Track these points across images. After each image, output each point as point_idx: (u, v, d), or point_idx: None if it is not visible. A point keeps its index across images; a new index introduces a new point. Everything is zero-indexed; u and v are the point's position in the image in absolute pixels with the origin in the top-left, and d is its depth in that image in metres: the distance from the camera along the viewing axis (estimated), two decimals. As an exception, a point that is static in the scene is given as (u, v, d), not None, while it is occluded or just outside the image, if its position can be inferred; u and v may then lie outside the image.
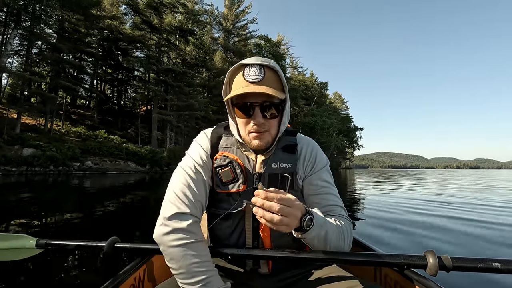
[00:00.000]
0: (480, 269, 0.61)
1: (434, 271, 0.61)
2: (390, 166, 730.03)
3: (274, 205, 0.56)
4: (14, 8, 17.41)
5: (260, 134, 0.73)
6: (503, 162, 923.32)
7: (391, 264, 0.67)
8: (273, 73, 0.72)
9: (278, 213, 0.56)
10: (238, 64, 0.73)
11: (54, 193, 7.33)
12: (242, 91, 0.69)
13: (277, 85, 0.73)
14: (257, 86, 0.69)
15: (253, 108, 0.71)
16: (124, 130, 28.32)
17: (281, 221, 0.56)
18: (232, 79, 0.75)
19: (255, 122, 0.72)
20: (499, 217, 4.29)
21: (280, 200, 0.57)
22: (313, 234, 0.64)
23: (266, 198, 0.57)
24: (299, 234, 0.64)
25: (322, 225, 0.67)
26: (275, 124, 0.76)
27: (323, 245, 0.68)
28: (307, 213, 0.62)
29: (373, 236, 3.14)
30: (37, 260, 2.00)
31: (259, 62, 0.70)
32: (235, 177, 0.75)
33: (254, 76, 0.69)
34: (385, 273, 0.91)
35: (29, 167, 15.02)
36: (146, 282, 0.90)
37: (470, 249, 2.68)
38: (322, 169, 0.83)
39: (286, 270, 0.79)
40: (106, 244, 0.81)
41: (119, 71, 31.04)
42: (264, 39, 42.94)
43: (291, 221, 0.58)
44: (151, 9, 27.13)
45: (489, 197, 7.18)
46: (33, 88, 21.91)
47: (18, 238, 0.89)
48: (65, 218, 3.76)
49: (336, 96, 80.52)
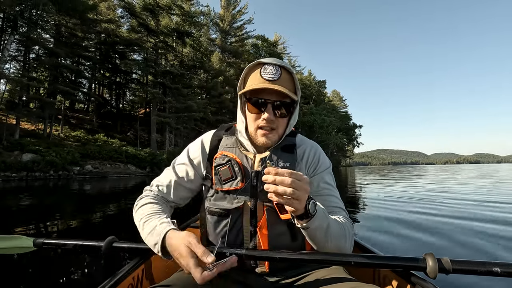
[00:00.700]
0: (479, 272, 0.60)
1: (433, 274, 0.61)
2: (390, 163, 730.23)
3: (286, 179, 0.56)
4: (11, 14, 17.39)
5: (268, 132, 0.76)
6: (503, 156, 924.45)
7: (390, 266, 0.67)
8: (288, 74, 0.76)
9: (290, 187, 0.56)
10: (256, 62, 0.76)
11: (55, 198, 7.34)
12: (258, 86, 0.72)
13: (291, 86, 0.76)
14: (273, 84, 0.72)
15: (265, 105, 0.74)
16: (123, 133, 28.30)
17: (293, 193, 0.56)
18: (248, 75, 0.78)
19: (265, 118, 0.74)
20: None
21: (291, 174, 0.57)
22: (316, 224, 0.64)
23: (277, 174, 0.57)
24: (303, 223, 0.63)
25: (325, 216, 0.67)
26: (284, 123, 0.79)
27: (324, 239, 0.67)
28: (310, 197, 0.63)
29: (372, 238, 3.14)
30: (35, 260, 2.01)
31: (276, 62, 0.74)
32: (233, 175, 0.77)
33: (271, 75, 0.72)
34: (384, 275, 0.90)
35: (29, 172, 15.00)
36: (145, 282, 0.90)
37: (470, 252, 2.66)
38: (324, 171, 0.84)
39: (284, 270, 0.79)
40: (104, 244, 0.81)
41: (117, 74, 31.01)
42: (261, 39, 42.97)
43: (303, 195, 0.58)
44: (147, 11, 27.11)
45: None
46: (31, 94, 21.86)
47: (15, 239, 0.90)
48: (64, 222, 3.78)
49: (334, 94, 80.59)
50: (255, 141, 0.79)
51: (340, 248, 0.71)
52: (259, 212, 0.76)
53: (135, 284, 0.84)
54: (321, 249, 0.71)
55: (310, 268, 0.80)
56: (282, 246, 0.75)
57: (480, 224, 3.62)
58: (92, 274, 1.89)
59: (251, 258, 0.70)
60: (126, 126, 30.44)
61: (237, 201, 0.77)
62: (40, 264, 2.00)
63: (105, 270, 1.96)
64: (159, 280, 0.78)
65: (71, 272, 1.91)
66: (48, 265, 2.01)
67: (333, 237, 0.68)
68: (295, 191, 0.56)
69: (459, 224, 3.66)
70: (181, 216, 1.54)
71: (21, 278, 1.79)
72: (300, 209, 0.60)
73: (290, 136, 0.85)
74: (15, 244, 0.89)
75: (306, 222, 0.63)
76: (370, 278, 0.96)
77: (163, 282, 0.70)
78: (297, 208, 0.59)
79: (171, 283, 0.69)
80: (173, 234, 0.64)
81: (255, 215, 0.76)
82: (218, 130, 0.89)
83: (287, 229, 0.77)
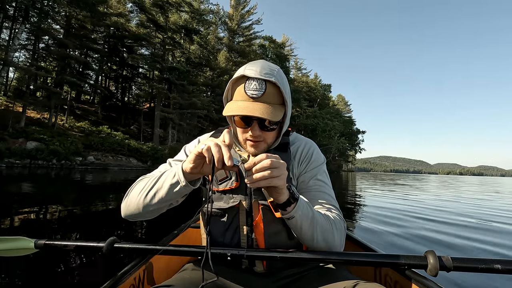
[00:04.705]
0: (480, 269, 0.61)
1: (434, 272, 0.61)
2: (392, 170, 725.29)
3: (264, 162, 0.59)
4: (23, 3, 17.66)
5: (256, 143, 0.77)
6: (507, 170, 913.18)
7: (391, 264, 0.67)
8: (275, 87, 0.72)
9: (270, 166, 0.58)
10: (240, 75, 0.72)
11: (56, 187, 7.45)
12: (239, 111, 0.70)
13: (278, 100, 0.73)
14: (256, 103, 0.70)
15: (251, 121, 0.73)
16: (127, 127, 28.53)
17: (272, 172, 0.58)
18: (234, 87, 0.76)
19: (252, 134, 0.74)
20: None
21: (268, 156, 0.60)
22: (300, 213, 0.65)
23: (255, 163, 0.59)
24: (290, 209, 0.65)
25: (309, 207, 0.68)
26: (273, 135, 0.79)
27: (310, 232, 0.68)
28: (288, 184, 0.64)
29: (372, 237, 3.18)
30: (36, 261, 2.00)
31: (261, 76, 0.69)
32: (228, 175, 0.78)
33: (254, 91, 0.70)
34: (385, 273, 0.89)
35: (33, 160, 15.24)
36: (146, 283, 0.89)
37: (470, 250, 2.69)
38: (317, 168, 0.84)
39: (283, 269, 0.79)
40: (105, 245, 0.80)
41: (123, 68, 31.28)
42: (269, 40, 43.01)
43: (282, 171, 0.60)
44: (157, 7, 27.34)
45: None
46: (38, 83, 22.21)
47: (16, 240, 0.88)
48: (65, 214, 3.81)
49: (339, 98, 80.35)
50: (245, 150, 0.80)
51: (329, 243, 0.70)
52: (255, 211, 0.77)
53: (136, 285, 0.83)
54: (309, 244, 0.71)
55: (309, 266, 0.80)
56: (278, 244, 0.75)
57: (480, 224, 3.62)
58: (93, 274, 1.88)
59: (251, 258, 0.69)
60: (130, 120, 30.69)
61: (233, 200, 0.78)
62: (40, 265, 1.99)
63: (106, 271, 1.95)
64: (160, 281, 0.78)
65: (71, 272, 1.90)
66: (48, 265, 2.00)
67: (319, 231, 0.68)
68: (273, 170, 0.58)
69: (459, 224, 3.69)
70: (181, 216, 1.61)
71: (21, 278, 1.77)
72: (282, 186, 0.62)
73: (284, 135, 0.85)
74: (16, 246, 0.87)
75: (293, 208, 0.64)
76: (371, 276, 0.95)
77: (164, 283, 0.69)
78: (279, 185, 0.61)
79: (172, 283, 0.69)
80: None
81: (250, 214, 0.77)
82: (215, 132, 0.90)
83: (283, 227, 0.77)
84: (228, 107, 0.74)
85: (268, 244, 0.75)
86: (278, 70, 0.73)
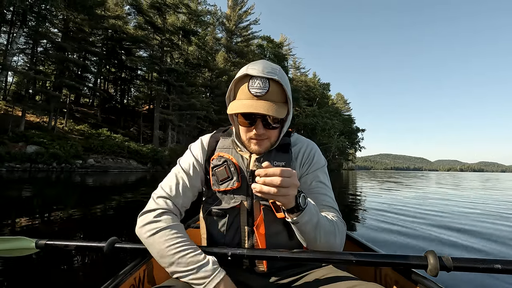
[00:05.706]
0: (480, 269, 0.61)
1: (434, 272, 0.61)
2: (392, 168, 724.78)
3: (274, 180, 0.57)
4: (20, 7, 17.67)
5: (260, 141, 0.77)
6: (507, 165, 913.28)
7: (391, 264, 0.67)
8: (278, 85, 0.73)
9: (278, 186, 0.57)
10: (243, 74, 0.73)
11: (57, 190, 7.47)
12: (244, 109, 0.70)
13: (281, 98, 0.74)
14: (260, 101, 0.71)
15: (255, 120, 0.74)
16: (127, 129, 28.57)
17: (279, 191, 0.57)
18: (237, 87, 0.76)
19: (256, 132, 0.75)
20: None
21: (282, 172, 0.58)
22: (306, 218, 0.64)
23: (267, 174, 0.58)
24: (293, 217, 0.64)
25: (315, 212, 0.68)
26: (276, 133, 0.79)
27: (313, 235, 0.68)
28: (300, 192, 0.63)
29: (373, 237, 3.18)
30: (37, 261, 2.01)
31: (264, 74, 0.71)
32: (229, 175, 0.78)
33: (258, 90, 0.70)
34: (385, 273, 0.89)
35: (33, 164, 15.27)
36: (146, 283, 0.90)
37: (470, 250, 2.70)
38: (318, 170, 0.84)
39: (284, 269, 0.79)
40: (106, 245, 0.81)
41: (122, 70, 31.32)
42: (267, 40, 43.02)
43: (292, 191, 0.59)
44: (154, 9, 27.35)
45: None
46: (37, 87, 22.22)
47: (17, 240, 0.89)
48: (65, 216, 3.83)
49: (338, 97, 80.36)
50: (248, 149, 0.81)
51: (331, 245, 0.71)
52: (256, 211, 0.77)
53: (136, 285, 0.83)
54: (311, 246, 0.71)
55: (309, 266, 0.80)
56: (279, 245, 0.75)
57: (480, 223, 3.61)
58: (94, 274, 1.90)
59: (252, 258, 0.69)
60: (130, 122, 30.74)
61: (234, 200, 0.78)
62: (41, 265, 2.00)
63: (107, 271, 1.96)
64: (161, 281, 0.78)
65: (72, 272, 1.91)
66: (49, 266, 2.01)
67: (322, 234, 0.69)
68: (281, 189, 0.57)
69: (460, 224, 3.68)
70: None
71: (22, 278, 1.79)
72: (289, 204, 0.61)
73: (285, 136, 0.85)
74: (17, 246, 0.88)
75: (297, 216, 0.64)
76: (372, 277, 0.95)
77: (164, 283, 0.70)
78: (285, 204, 0.61)
79: (173, 283, 0.69)
80: (227, 280, 0.66)
81: (251, 214, 0.77)
82: (216, 132, 0.91)
83: (283, 227, 0.77)
84: (232, 106, 0.74)
85: (269, 244, 0.76)
86: (280, 69, 0.75)
